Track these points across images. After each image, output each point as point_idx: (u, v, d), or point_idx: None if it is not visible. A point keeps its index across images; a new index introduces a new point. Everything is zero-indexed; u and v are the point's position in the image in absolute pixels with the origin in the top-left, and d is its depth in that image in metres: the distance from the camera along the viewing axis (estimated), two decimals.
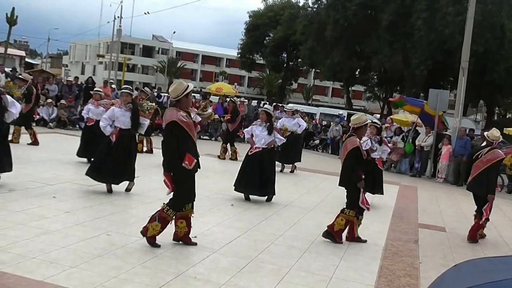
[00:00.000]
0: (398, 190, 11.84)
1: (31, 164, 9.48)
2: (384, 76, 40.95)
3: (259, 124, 8.76)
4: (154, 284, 4.41)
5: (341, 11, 35.88)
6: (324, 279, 5.12)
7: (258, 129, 8.68)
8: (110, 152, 7.66)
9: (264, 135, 8.59)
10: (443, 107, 16.05)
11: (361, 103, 64.58)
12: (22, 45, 76.74)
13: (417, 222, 8.55)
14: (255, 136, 8.67)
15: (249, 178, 8.44)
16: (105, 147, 7.74)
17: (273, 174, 8.69)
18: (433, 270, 5.81)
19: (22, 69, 33.96)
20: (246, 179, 8.48)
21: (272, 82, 65.09)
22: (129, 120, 7.73)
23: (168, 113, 5.43)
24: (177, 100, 5.48)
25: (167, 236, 5.58)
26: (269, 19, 53.59)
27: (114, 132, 7.67)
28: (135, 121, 7.78)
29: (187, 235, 5.64)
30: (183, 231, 5.60)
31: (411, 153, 16.02)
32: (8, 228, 5.45)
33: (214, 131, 19.92)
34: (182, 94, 5.44)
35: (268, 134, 8.58)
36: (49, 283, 4.17)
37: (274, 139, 8.64)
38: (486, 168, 7.59)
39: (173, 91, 5.50)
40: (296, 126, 12.57)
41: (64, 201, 6.93)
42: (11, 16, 23.16)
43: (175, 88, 5.50)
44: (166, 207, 5.44)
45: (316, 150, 20.80)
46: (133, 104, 7.84)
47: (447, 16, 29.47)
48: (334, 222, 6.51)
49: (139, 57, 70.96)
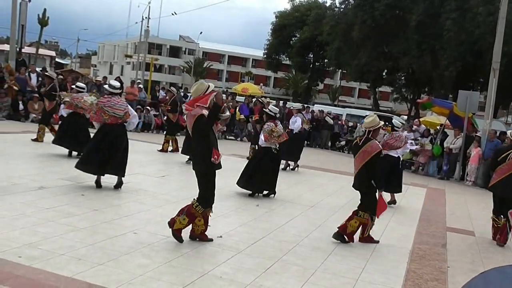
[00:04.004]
0: (426, 193, 11.66)
1: (59, 161, 9.67)
2: (412, 77, 40.37)
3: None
4: (180, 282, 4.45)
5: (369, 11, 35.57)
6: (349, 281, 5.07)
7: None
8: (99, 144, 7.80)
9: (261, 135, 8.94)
10: (473, 109, 15.74)
11: (388, 104, 63.81)
12: (52, 46, 78.29)
13: (445, 226, 8.40)
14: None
15: (247, 173, 8.72)
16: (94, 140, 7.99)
17: (268, 172, 8.71)
18: (462, 275, 5.70)
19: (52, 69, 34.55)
20: (246, 175, 8.71)
21: (298, 82, 64.91)
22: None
23: (195, 110, 5.51)
24: None
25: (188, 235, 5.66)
26: (295, 20, 53.44)
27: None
28: None
29: (203, 232, 5.70)
30: (200, 229, 5.65)
31: (439, 155, 15.76)
32: (39, 224, 5.57)
33: (239, 131, 19.97)
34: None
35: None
36: (77, 279, 4.24)
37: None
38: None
39: (195, 91, 5.58)
40: (292, 125, 12.73)
41: (92, 199, 7.05)
42: (43, 17, 23.70)
43: (196, 89, 5.57)
44: (196, 203, 5.52)
45: (342, 152, 20.65)
46: None
47: (477, 16, 28.89)
48: (346, 224, 6.44)
49: (166, 58, 71.65)
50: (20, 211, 5.97)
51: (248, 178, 8.65)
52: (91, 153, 7.78)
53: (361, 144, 6.47)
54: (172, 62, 73.20)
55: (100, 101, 7.84)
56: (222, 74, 75.98)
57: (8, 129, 13.77)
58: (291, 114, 18.57)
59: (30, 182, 7.57)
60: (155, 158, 12.10)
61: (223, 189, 9.02)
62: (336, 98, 67.56)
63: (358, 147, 6.50)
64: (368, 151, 6.40)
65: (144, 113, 18.20)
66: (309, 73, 57.68)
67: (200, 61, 69.67)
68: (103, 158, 7.67)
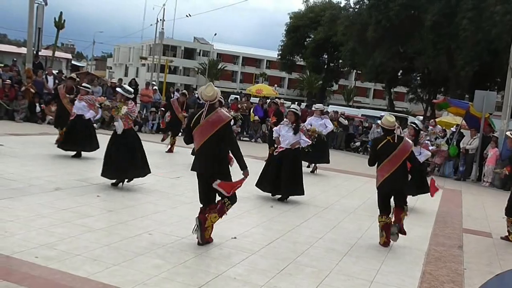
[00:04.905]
0: (442, 194, 11.52)
1: (75, 163, 9.77)
2: (427, 77, 40.04)
3: (286, 124, 8.71)
4: (194, 283, 4.46)
5: (384, 12, 35.35)
6: (364, 283, 5.04)
7: (285, 129, 8.63)
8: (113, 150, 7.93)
9: (289, 135, 8.53)
10: (489, 109, 15.56)
11: (403, 105, 63.28)
12: (69, 48, 79.16)
13: (461, 227, 8.31)
14: (281, 136, 8.64)
15: (268, 176, 8.53)
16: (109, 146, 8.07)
17: (293, 175, 8.51)
18: (479, 277, 5.62)
19: (69, 72, 35.05)
20: (266, 178, 8.55)
21: (312, 83, 64.74)
22: None
23: (224, 111, 5.61)
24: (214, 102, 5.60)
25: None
26: (309, 20, 53.36)
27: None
28: None
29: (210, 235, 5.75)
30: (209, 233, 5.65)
31: (455, 156, 15.59)
32: (56, 225, 5.63)
33: (254, 132, 19.98)
34: (218, 96, 5.64)
35: (293, 134, 8.53)
36: (92, 280, 4.28)
37: (299, 140, 8.58)
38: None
39: (212, 95, 5.55)
40: (322, 127, 12.16)
41: (107, 200, 7.11)
42: (59, 20, 23.93)
43: (214, 92, 5.57)
44: (227, 200, 5.60)
45: (357, 152, 20.53)
46: None
47: (494, 15, 28.53)
48: (401, 219, 6.54)
49: (181, 59, 72.02)
50: (37, 212, 6.05)
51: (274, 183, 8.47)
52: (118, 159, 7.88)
53: (397, 142, 6.39)
54: (186, 64, 73.56)
55: (129, 108, 8.04)
56: (236, 75, 76.14)
57: (25, 131, 13.96)
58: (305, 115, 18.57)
59: (46, 183, 7.66)
60: (169, 159, 12.16)
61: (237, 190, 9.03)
62: (351, 99, 67.25)
63: (393, 146, 6.38)
64: (406, 148, 6.40)
65: (159, 115, 18.29)
66: (323, 74, 57.52)
67: (214, 63, 69.91)
68: (129, 163, 7.89)
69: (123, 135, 7.98)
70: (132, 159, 7.97)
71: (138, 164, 8.07)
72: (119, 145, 7.93)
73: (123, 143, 7.94)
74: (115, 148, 7.95)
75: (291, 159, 8.53)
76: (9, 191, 6.93)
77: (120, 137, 7.98)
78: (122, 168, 7.88)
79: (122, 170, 7.91)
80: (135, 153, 8.03)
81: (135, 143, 8.14)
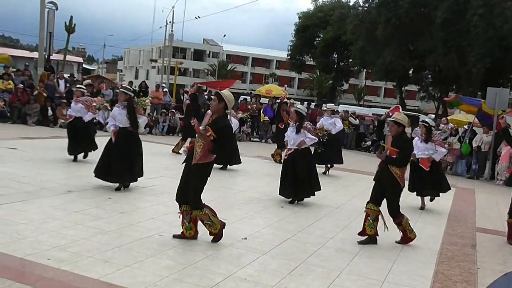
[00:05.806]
0: (454, 193, 11.42)
1: (87, 165, 9.82)
2: (438, 75, 39.67)
3: (292, 124, 8.56)
4: (204, 284, 4.47)
5: (393, 10, 35.12)
6: (375, 283, 5.01)
7: (290, 129, 8.52)
8: (111, 151, 7.90)
9: (293, 135, 8.37)
10: (502, 106, 15.38)
11: (415, 103, 62.91)
12: (79, 52, 79.81)
13: (474, 226, 8.23)
14: (286, 137, 8.55)
15: (285, 181, 8.36)
16: (107, 147, 8.03)
17: (306, 176, 8.39)
18: (492, 276, 5.55)
19: (80, 75, 35.35)
20: (286, 183, 8.36)
21: (322, 83, 64.57)
22: (126, 119, 7.86)
23: None
24: None
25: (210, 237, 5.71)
26: (319, 20, 53.15)
27: (114, 131, 7.91)
28: (132, 119, 7.87)
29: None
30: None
31: (467, 154, 15.45)
32: (68, 227, 5.68)
33: (264, 133, 19.98)
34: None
35: (296, 133, 8.32)
36: (104, 281, 4.31)
37: (304, 139, 8.34)
38: None
39: (232, 100, 5.73)
40: (332, 126, 11.98)
41: (119, 202, 7.15)
42: (69, 25, 24.09)
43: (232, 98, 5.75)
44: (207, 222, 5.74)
45: (368, 152, 20.42)
46: (128, 103, 7.92)
47: (506, 11, 28.24)
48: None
49: (191, 61, 72.26)
50: (49, 215, 6.10)
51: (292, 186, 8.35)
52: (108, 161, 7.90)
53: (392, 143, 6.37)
54: (196, 66, 73.75)
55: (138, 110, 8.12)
56: (246, 76, 76.16)
57: (37, 134, 14.10)
58: (314, 115, 18.53)
59: (58, 186, 7.73)
60: (179, 161, 12.16)
61: (246, 191, 9.06)
62: (361, 98, 66.95)
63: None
64: None
65: (170, 117, 18.37)
66: (333, 73, 57.27)
67: (224, 64, 70.02)
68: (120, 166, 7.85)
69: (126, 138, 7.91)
70: (129, 164, 7.90)
71: (133, 169, 7.99)
72: (121, 148, 7.87)
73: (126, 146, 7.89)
74: (117, 150, 7.89)
75: (302, 162, 8.35)
76: (22, 194, 7.00)
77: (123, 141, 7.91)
78: (118, 172, 7.83)
79: (118, 174, 7.86)
80: (134, 158, 7.98)
81: (139, 149, 8.11)
